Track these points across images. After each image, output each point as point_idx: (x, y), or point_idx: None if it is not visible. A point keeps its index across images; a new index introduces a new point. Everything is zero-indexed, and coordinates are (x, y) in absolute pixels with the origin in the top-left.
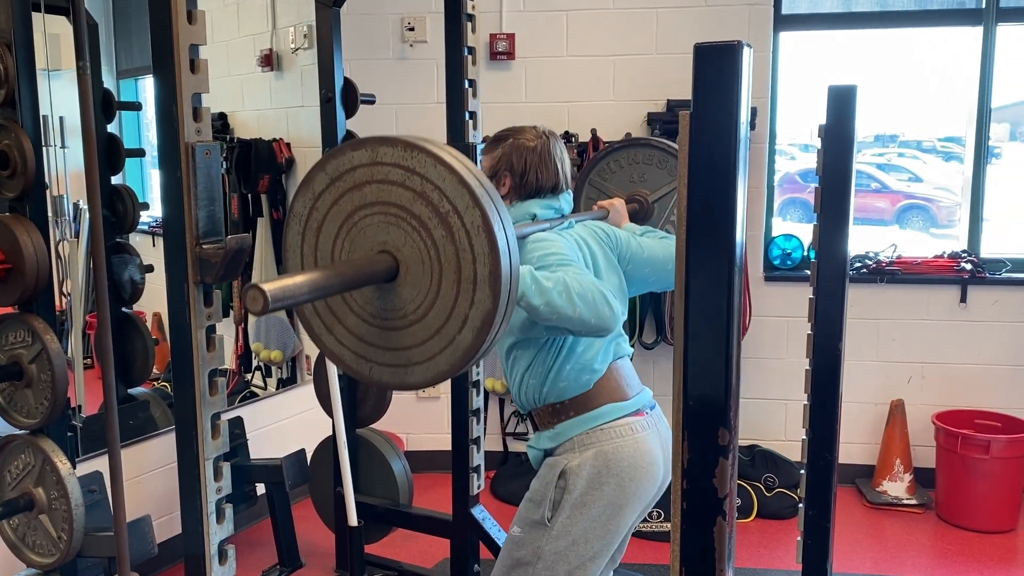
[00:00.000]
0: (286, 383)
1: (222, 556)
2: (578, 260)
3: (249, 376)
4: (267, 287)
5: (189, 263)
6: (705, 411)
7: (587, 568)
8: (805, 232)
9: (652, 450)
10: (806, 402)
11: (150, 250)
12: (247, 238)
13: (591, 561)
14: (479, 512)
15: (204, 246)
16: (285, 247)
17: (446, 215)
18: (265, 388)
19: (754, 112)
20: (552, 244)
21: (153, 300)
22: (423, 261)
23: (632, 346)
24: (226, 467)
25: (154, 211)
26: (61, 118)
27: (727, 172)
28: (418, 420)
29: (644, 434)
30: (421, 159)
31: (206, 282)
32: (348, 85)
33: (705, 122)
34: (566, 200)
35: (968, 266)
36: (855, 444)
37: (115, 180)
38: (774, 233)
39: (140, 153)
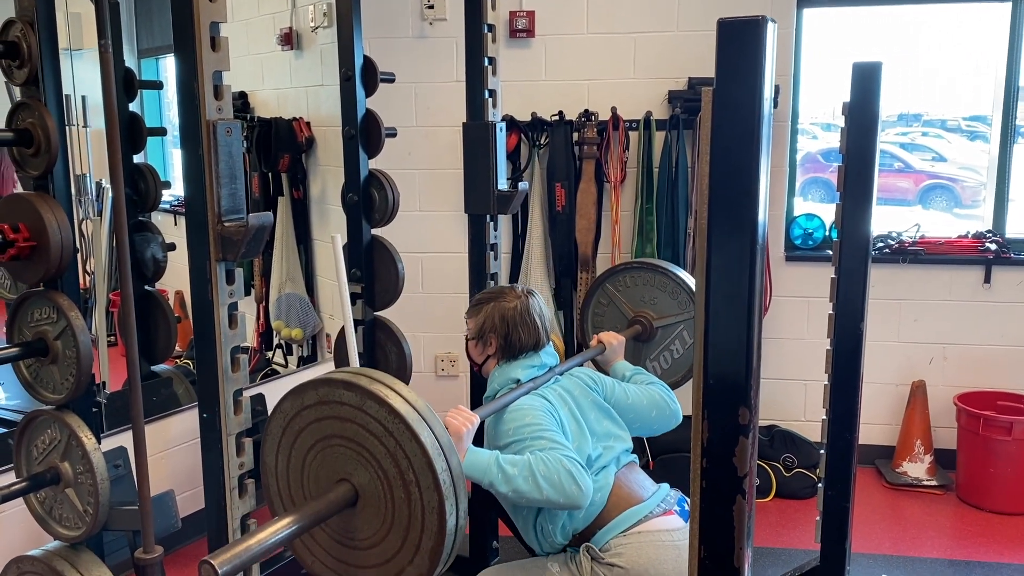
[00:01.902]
0: (307, 361)
1: (244, 530)
2: (554, 427)
3: (270, 354)
4: (217, 561)
5: (211, 241)
6: (725, 390)
7: None
8: (827, 212)
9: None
10: (826, 382)
11: (172, 229)
12: (268, 216)
13: None
14: None
15: (226, 224)
16: (266, 433)
17: (409, 484)
18: (286, 366)
19: (777, 90)
20: (528, 414)
21: (175, 279)
22: (379, 507)
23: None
24: (248, 443)
25: (176, 190)
26: (83, 97)
27: (750, 150)
28: (437, 397)
29: (684, 544)
30: (400, 428)
31: (228, 260)
32: (368, 63)
33: (728, 99)
34: (547, 354)
35: (993, 246)
36: (875, 425)
37: (137, 159)
38: (795, 213)
39: (162, 132)
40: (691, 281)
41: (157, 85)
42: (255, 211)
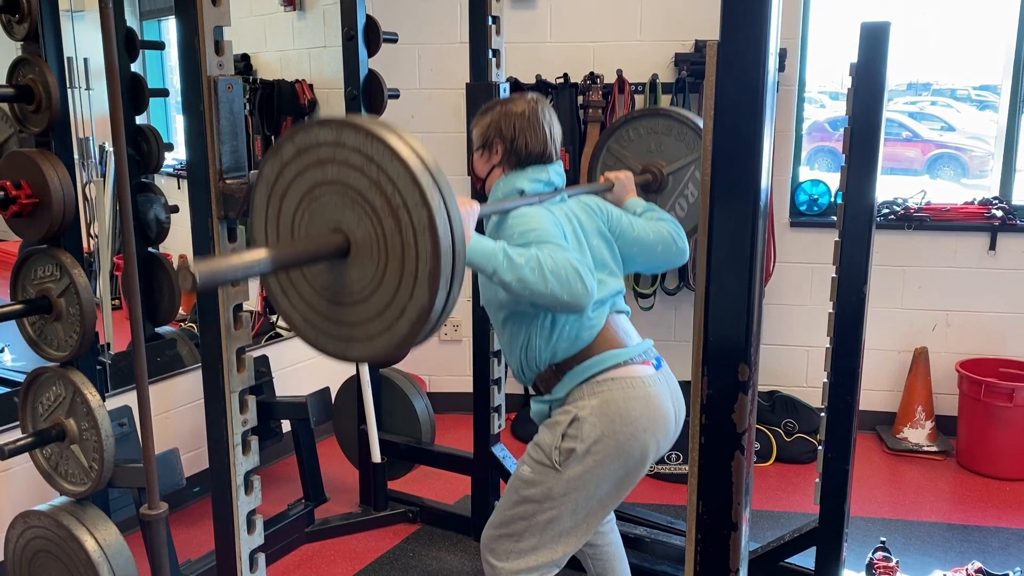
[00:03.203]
0: None
1: (248, 487)
2: (559, 237)
3: (274, 318)
4: (198, 268)
5: (213, 198)
6: (726, 347)
7: (595, 513)
8: (833, 180)
9: (664, 404)
10: (828, 345)
11: (175, 192)
12: None
13: (599, 506)
14: (500, 450)
15: (227, 181)
16: (252, 208)
17: (396, 209)
18: (290, 330)
19: (784, 54)
20: (533, 220)
21: (178, 242)
22: (372, 247)
23: (654, 292)
24: (251, 400)
25: (178, 154)
26: (85, 59)
27: (754, 103)
28: (440, 362)
29: (655, 389)
30: (379, 149)
31: (229, 217)
32: (370, 23)
33: (733, 53)
34: (556, 172)
35: (999, 213)
36: (877, 391)
37: (140, 121)
38: (801, 180)
39: (164, 93)
40: (697, 119)
41: (159, 45)
42: None
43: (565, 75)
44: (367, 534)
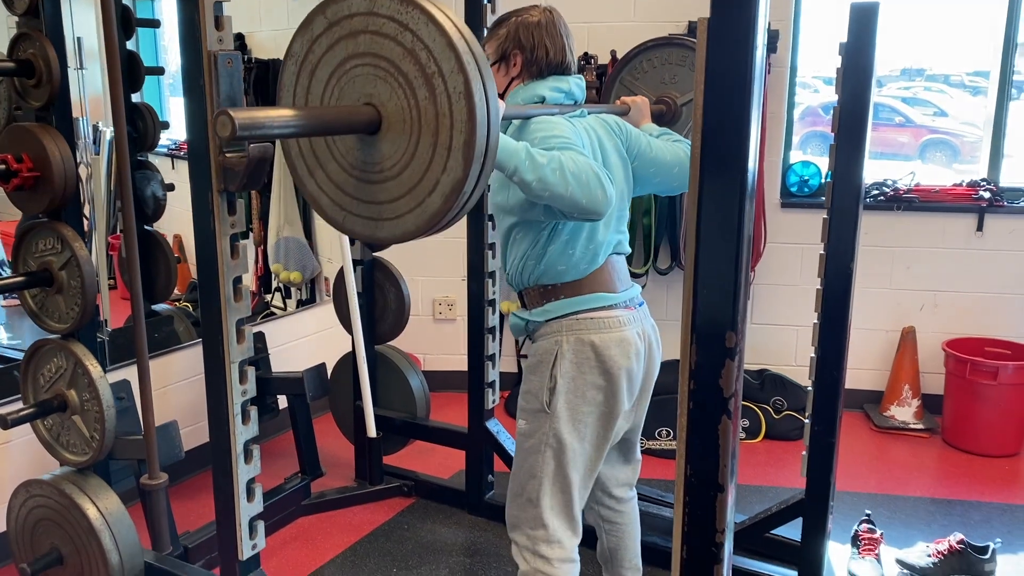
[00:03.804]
0: (305, 303)
1: (247, 455)
2: (581, 145)
3: (269, 297)
4: (237, 114)
5: (213, 171)
6: (713, 315)
7: (591, 458)
8: (825, 163)
9: (635, 341)
10: (816, 320)
11: (169, 172)
12: (269, 147)
13: (592, 448)
14: (494, 425)
15: (227, 155)
16: (280, 85)
17: (431, 76)
18: (285, 309)
19: (776, 35)
20: (555, 127)
21: (173, 223)
22: (404, 120)
23: (646, 272)
24: (251, 370)
25: (173, 134)
26: (79, 39)
27: (743, 77)
28: (435, 341)
29: (629, 328)
30: (415, 16)
31: (229, 190)
32: None
33: (722, 28)
34: (576, 84)
35: (987, 194)
36: (865, 370)
37: (135, 99)
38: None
39: (159, 71)
40: None
41: (154, 23)
42: None
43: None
44: (363, 507)
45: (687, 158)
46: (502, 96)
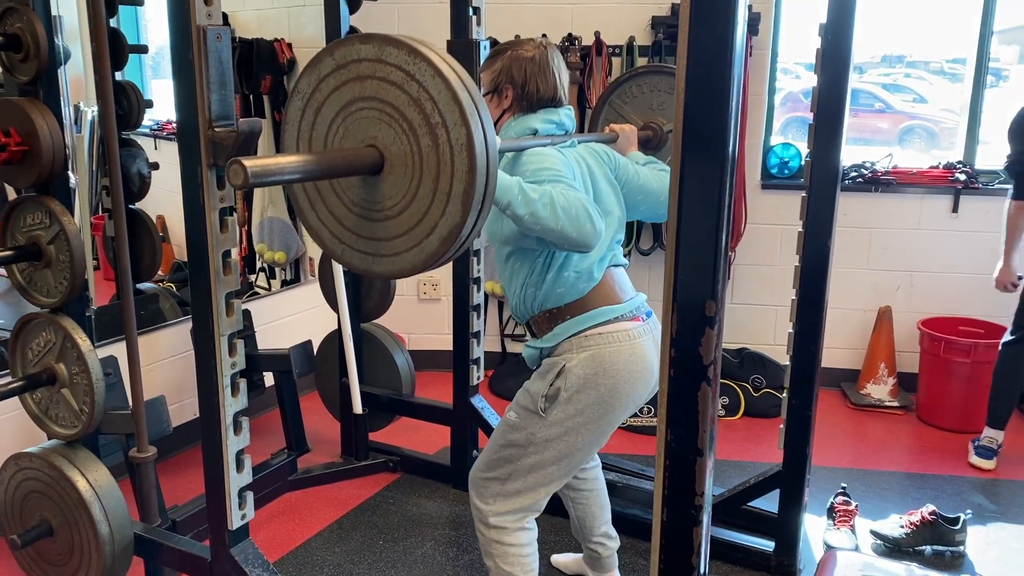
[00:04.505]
0: (289, 283)
1: (236, 427)
2: (572, 177)
3: (253, 277)
4: (248, 163)
5: (202, 146)
6: (694, 284)
7: (574, 457)
8: (805, 147)
9: (647, 355)
10: (793, 297)
11: (152, 152)
12: (259, 121)
13: (579, 451)
14: (478, 401)
15: (216, 129)
16: (285, 120)
17: (435, 126)
18: (269, 289)
19: (757, 17)
20: (547, 159)
21: (156, 203)
22: (407, 164)
23: (628, 253)
24: (240, 343)
25: (155, 114)
26: (59, 17)
27: (724, 52)
28: (420, 320)
29: (640, 340)
30: (422, 67)
31: (219, 165)
32: None
33: (704, 6)
34: (567, 115)
35: (962, 176)
36: (842, 349)
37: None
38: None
39: (143, 49)
40: None
41: (137, 1)
42: None
43: (543, 36)
44: (349, 483)
45: None
46: (494, 124)
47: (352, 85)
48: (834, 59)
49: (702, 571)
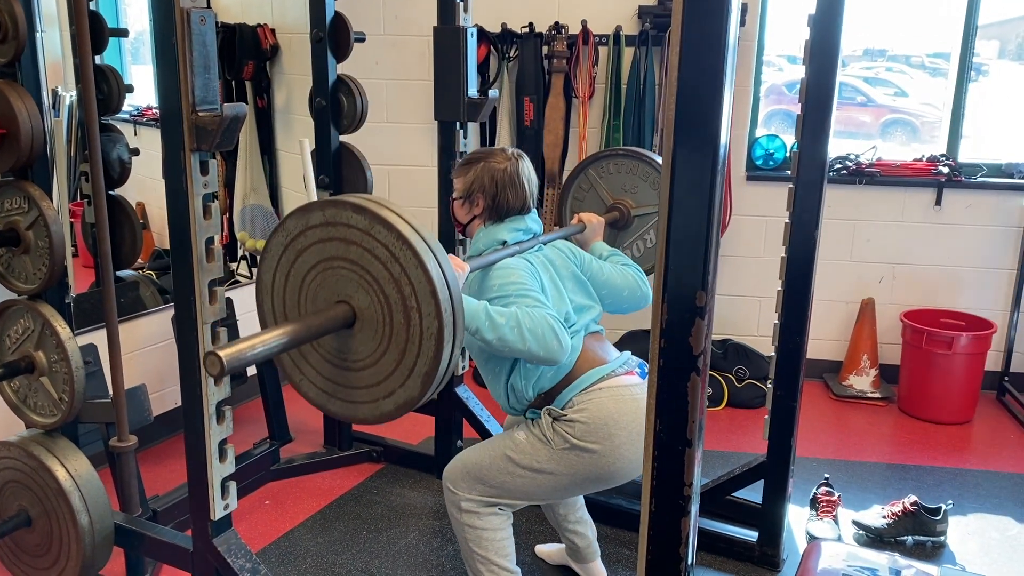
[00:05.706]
0: None
1: (220, 416)
2: (537, 290)
3: (235, 265)
4: (224, 354)
5: (185, 130)
6: (685, 275)
7: (560, 495)
8: (789, 138)
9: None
10: (780, 289)
11: (132, 138)
12: (243, 107)
13: (567, 492)
14: (463, 391)
15: (200, 114)
16: (266, 249)
17: (410, 309)
18: (251, 277)
19: (745, 8)
20: (513, 273)
21: (136, 191)
22: (376, 329)
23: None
24: (223, 332)
25: (135, 99)
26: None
27: (717, 42)
28: None
29: (639, 390)
30: (407, 255)
31: (202, 150)
32: None
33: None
34: (533, 219)
35: (945, 169)
36: (825, 341)
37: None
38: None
39: (123, 33)
40: None
41: None
42: None
43: (530, 24)
44: (332, 472)
45: (636, 281)
46: (465, 225)
47: (337, 244)
48: (822, 51)
49: (689, 561)
